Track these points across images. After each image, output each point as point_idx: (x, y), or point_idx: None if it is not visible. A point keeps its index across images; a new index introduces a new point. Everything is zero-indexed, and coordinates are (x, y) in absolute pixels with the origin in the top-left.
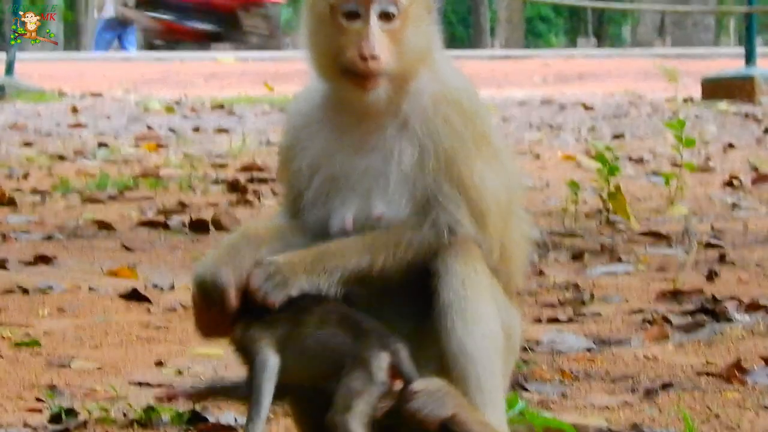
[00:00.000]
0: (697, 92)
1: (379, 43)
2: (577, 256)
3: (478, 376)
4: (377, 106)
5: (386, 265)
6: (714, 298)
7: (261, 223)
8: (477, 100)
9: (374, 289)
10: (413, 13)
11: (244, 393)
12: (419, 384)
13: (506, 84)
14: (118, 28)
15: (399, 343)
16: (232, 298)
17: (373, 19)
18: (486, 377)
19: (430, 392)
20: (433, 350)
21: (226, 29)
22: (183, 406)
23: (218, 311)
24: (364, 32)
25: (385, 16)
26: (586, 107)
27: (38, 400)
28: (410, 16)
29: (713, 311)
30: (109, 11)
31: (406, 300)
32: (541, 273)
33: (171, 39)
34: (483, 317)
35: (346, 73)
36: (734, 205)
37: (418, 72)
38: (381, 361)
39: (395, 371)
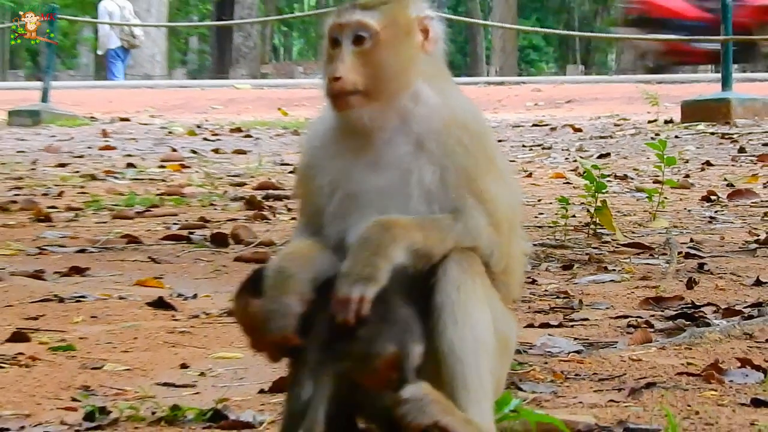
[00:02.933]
0: (677, 115)
1: (343, 65)
2: (567, 266)
3: (465, 375)
4: (366, 125)
5: (435, 250)
6: (693, 305)
7: (298, 245)
8: (483, 123)
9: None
10: (386, 35)
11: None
12: (406, 391)
13: (501, 108)
14: (123, 54)
15: (417, 345)
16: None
17: (346, 44)
18: (472, 377)
19: (414, 399)
20: (428, 348)
21: (740, 50)
22: (206, 405)
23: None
24: (338, 56)
25: (358, 40)
26: (575, 129)
27: (73, 399)
28: (383, 39)
29: (693, 316)
30: (115, 42)
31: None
32: (534, 282)
33: (674, 60)
34: (475, 322)
35: (327, 96)
36: (712, 219)
37: (399, 91)
38: (384, 351)
39: (396, 366)
